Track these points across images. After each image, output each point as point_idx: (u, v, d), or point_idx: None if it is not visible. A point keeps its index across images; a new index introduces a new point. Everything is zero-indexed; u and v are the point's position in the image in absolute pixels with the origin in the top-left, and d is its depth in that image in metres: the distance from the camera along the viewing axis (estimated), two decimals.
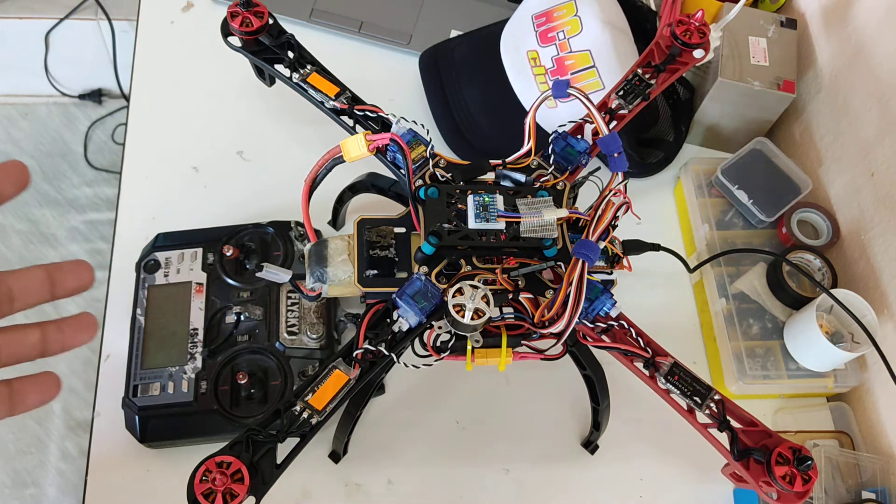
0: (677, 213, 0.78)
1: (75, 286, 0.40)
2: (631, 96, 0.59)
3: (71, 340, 0.40)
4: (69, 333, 0.40)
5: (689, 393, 0.49)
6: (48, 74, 1.61)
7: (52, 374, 0.40)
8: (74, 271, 0.40)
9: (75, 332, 0.40)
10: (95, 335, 0.41)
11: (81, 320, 0.40)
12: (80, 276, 0.40)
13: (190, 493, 0.39)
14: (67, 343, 0.40)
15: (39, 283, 0.38)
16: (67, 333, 0.40)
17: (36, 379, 0.40)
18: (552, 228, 0.50)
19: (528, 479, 0.64)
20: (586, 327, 0.51)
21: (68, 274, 0.39)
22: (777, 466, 0.46)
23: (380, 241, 0.52)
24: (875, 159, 0.67)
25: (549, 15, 0.74)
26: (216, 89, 0.80)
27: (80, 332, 0.40)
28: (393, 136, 0.53)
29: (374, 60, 0.84)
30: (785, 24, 0.76)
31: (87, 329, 0.40)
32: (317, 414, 0.44)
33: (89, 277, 0.40)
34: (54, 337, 0.39)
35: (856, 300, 0.63)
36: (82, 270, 0.40)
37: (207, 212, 0.70)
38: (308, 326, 0.62)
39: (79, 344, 0.40)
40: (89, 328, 0.41)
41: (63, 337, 0.40)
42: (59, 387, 0.40)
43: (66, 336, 0.40)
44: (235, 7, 0.59)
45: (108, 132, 1.68)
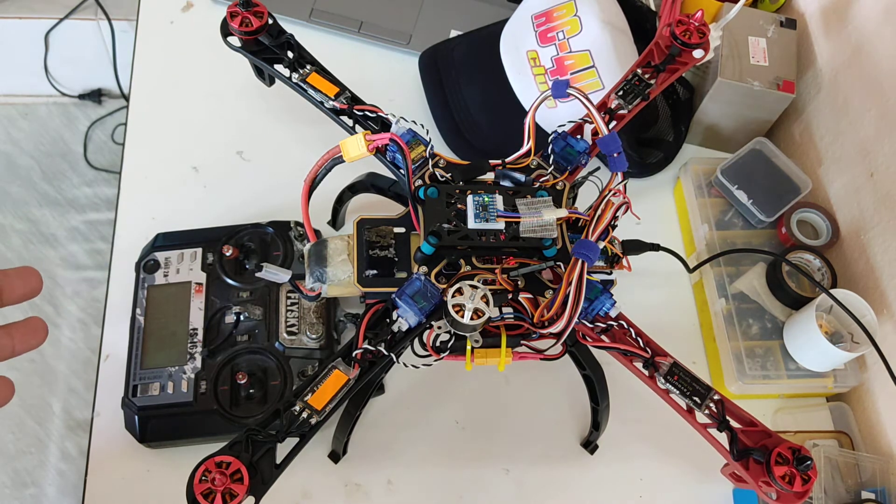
0: (677, 213, 0.78)
1: (23, 293, 0.40)
2: (630, 96, 0.59)
3: (20, 345, 0.40)
4: (18, 338, 0.40)
5: (688, 393, 0.49)
6: (48, 74, 1.61)
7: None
8: (23, 278, 0.40)
9: (24, 336, 0.40)
10: (44, 339, 0.41)
11: (30, 325, 0.40)
12: (27, 283, 0.40)
13: (189, 493, 0.39)
14: (17, 348, 0.40)
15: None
16: (17, 339, 0.40)
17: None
18: (552, 228, 0.50)
19: (528, 479, 0.64)
20: (586, 327, 0.51)
21: (16, 280, 0.39)
22: (776, 466, 0.46)
23: (379, 241, 0.52)
24: (875, 159, 0.67)
25: (549, 15, 0.74)
26: (216, 89, 0.80)
27: (29, 336, 0.40)
28: (392, 136, 0.53)
29: (374, 60, 0.84)
30: (785, 24, 0.76)
31: (36, 334, 0.40)
32: (316, 414, 0.44)
33: (37, 284, 0.40)
34: (3, 342, 0.39)
35: (855, 300, 0.63)
36: (30, 277, 0.40)
37: (207, 212, 0.70)
38: (308, 326, 0.62)
39: (28, 349, 0.41)
40: (38, 332, 0.41)
41: (12, 342, 0.40)
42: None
43: (15, 341, 0.40)
44: (235, 7, 0.59)
45: (107, 132, 1.68)
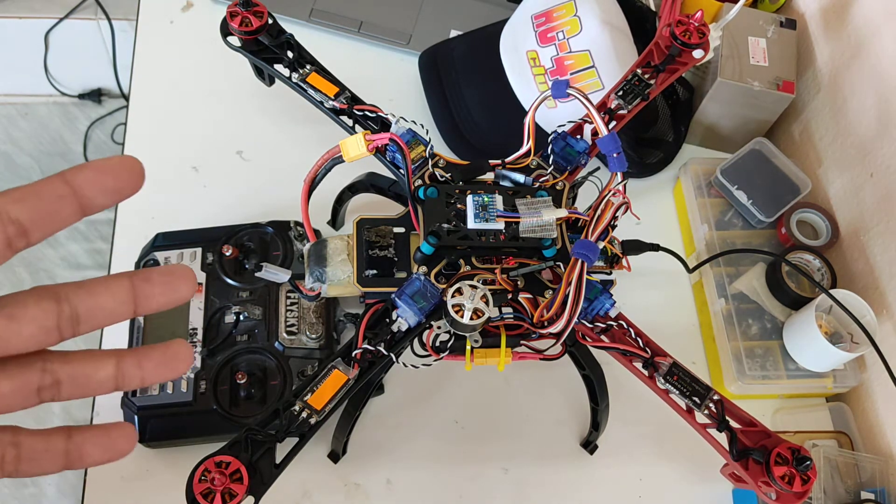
0: (676, 213, 0.78)
1: (165, 301, 0.30)
2: (630, 96, 0.59)
3: (153, 376, 0.31)
4: (150, 369, 0.31)
5: (688, 393, 0.49)
6: (48, 74, 1.61)
7: (126, 426, 0.32)
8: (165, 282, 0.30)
9: (159, 366, 0.31)
10: (186, 370, 0.32)
11: (170, 352, 0.31)
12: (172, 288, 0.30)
13: (189, 493, 0.39)
14: (148, 379, 0.31)
15: (117, 302, 0.29)
16: (148, 369, 0.31)
17: (104, 432, 0.31)
18: (551, 228, 0.50)
19: (528, 479, 0.64)
20: (585, 327, 0.51)
21: (157, 286, 0.30)
22: (776, 467, 0.46)
23: (379, 240, 0.52)
24: (874, 159, 0.67)
25: (549, 15, 0.74)
26: (216, 89, 0.80)
27: (165, 366, 0.31)
28: (392, 136, 0.53)
29: (374, 60, 0.84)
30: (784, 25, 0.76)
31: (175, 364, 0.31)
32: (316, 414, 0.44)
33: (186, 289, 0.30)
34: (132, 372, 0.30)
35: (855, 300, 0.63)
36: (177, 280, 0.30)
37: (207, 212, 0.70)
38: (307, 326, 0.62)
39: (163, 380, 0.32)
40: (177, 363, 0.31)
41: (142, 373, 0.31)
42: (133, 441, 0.32)
43: (145, 372, 0.31)
44: (235, 7, 0.59)
45: (107, 132, 1.68)
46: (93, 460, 0.31)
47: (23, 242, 0.28)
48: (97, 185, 0.28)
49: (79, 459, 0.31)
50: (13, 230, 0.27)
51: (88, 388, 0.30)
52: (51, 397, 0.29)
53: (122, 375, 0.30)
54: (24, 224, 0.27)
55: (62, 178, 0.28)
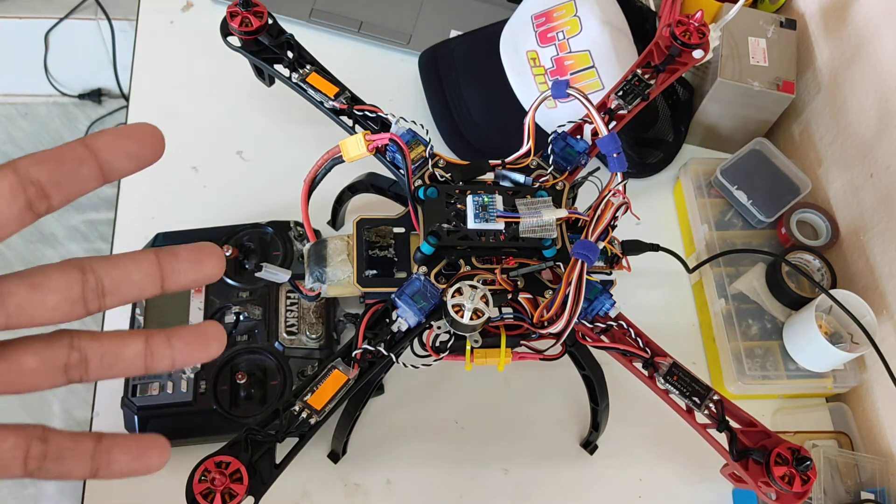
0: (676, 213, 0.78)
1: (193, 277, 0.30)
2: (630, 96, 0.59)
3: (183, 357, 0.30)
4: (181, 348, 0.30)
5: (687, 393, 0.49)
6: (48, 74, 1.61)
7: (159, 439, 0.30)
8: (193, 259, 0.30)
9: (190, 346, 0.30)
10: (218, 352, 0.31)
11: (201, 332, 0.30)
12: (199, 266, 0.30)
13: (189, 493, 0.39)
14: (178, 360, 0.30)
15: (143, 275, 0.29)
16: (178, 348, 0.30)
17: (136, 441, 0.30)
18: (551, 229, 0.50)
19: (528, 479, 0.64)
20: (585, 327, 0.51)
21: (184, 262, 0.29)
22: (776, 467, 0.46)
23: (379, 241, 0.52)
24: (874, 160, 0.67)
25: (549, 15, 0.74)
26: (216, 89, 0.80)
27: (196, 346, 0.30)
28: (392, 137, 0.53)
29: (374, 60, 0.84)
30: (784, 25, 0.76)
31: (208, 344, 0.30)
32: (316, 414, 0.44)
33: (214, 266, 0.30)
34: (162, 351, 0.30)
35: (855, 301, 0.63)
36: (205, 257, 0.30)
37: (207, 212, 0.70)
38: (307, 326, 0.62)
39: (194, 363, 0.31)
40: (210, 343, 0.30)
41: (172, 352, 0.30)
42: (166, 456, 0.30)
43: (175, 352, 0.30)
44: (235, 7, 0.59)
45: None
46: (120, 469, 0.30)
47: (44, 205, 0.27)
48: (117, 148, 0.28)
49: (106, 466, 0.29)
50: (34, 192, 0.26)
51: (117, 367, 0.29)
52: (79, 377, 0.29)
53: (151, 354, 0.29)
54: (45, 186, 0.27)
55: (82, 142, 0.27)
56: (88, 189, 0.28)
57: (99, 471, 0.29)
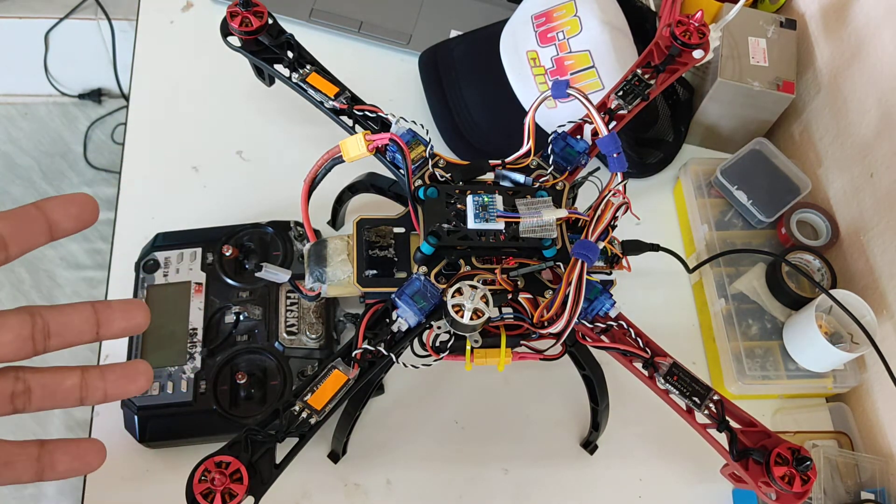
0: (676, 213, 0.78)
1: (124, 326, 0.35)
2: (630, 97, 0.59)
3: (114, 390, 0.35)
4: (112, 381, 0.35)
5: (688, 393, 0.49)
6: (48, 74, 1.61)
7: (97, 442, 0.35)
8: (124, 310, 0.35)
9: (120, 380, 0.35)
10: (146, 387, 0.36)
11: (131, 369, 0.35)
12: (130, 316, 0.35)
13: (189, 493, 0.39)
14: (110, 392, 0.35)
15: (83, 321, 0.34)
16: (110, 381, 0.35)
17: (76, 444, 0.35)
18: (551, 229, 0.50)
19: (527, 479, 0.64)
20: (585, 327, 0.51)
21: (117, 312, 0.35)
22: (776, 467, 0.46)
23: (379, 241, 0.52)
24: (874, 160, 0.67)
25: (549, 15, 0.74)
26: (216, 89, 0.80)
27: (126, 381, 0.35)
28: (392, 136, 0.53)
29: (374, 60, 0.84)
30: (784, 25, 0.76)
31: (136, 379, 0.35)
32: (316, 414, 0.44)
33: (142, 318, 0.35)
34: (95, 384, 0.34)
35: (855, 301, 0.63)
36: (134, 310, 0.35)
37: (207, 212, 0.70)
38: (307, 326, 0.62)
39: (124, 395, 0.35)
40: (138, 378, 0.35)
41: (105, 385, 0.34)
42: (101, 457, 0.35)
43: (108, 384, 0.34)
44: (235, 7, 0.59)
45: (107, 132, 1.68)
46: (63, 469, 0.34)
47: (2, 255, 0.32)
48: (63, 211, 0.34)
49: (50, 468, 0.34)
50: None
51: (56, 397, 0.34)
52: (23, 405, 0.33)
53: (86, 386, 0.34)
54: (5, 238, 0.32)
55: (35, 205, 0.33)
56: (40, 243, 0.34)
57: (44, 472, 0.34)
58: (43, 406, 0.34)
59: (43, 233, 0.33)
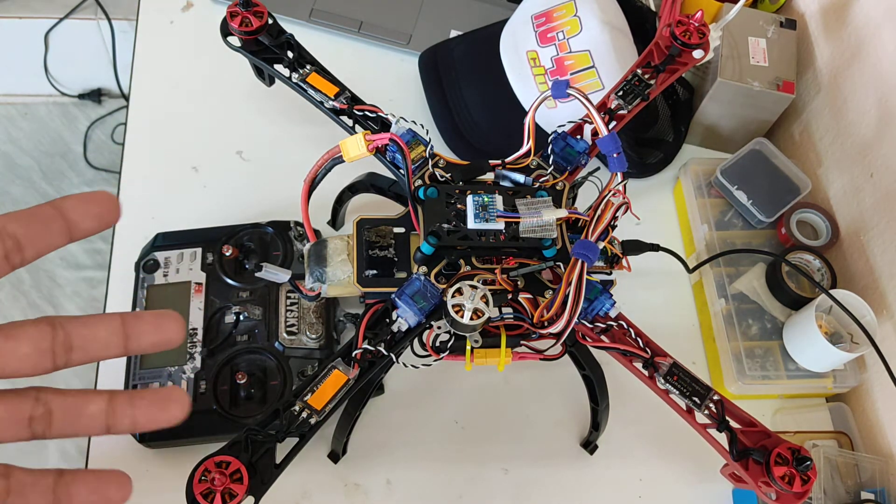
0: (676, 213, 0.78)
1: (155, 341, 0.32)
2: (630, 96, 0.59)
3: (145, 419, 0.31)
4: (143, 409, 0.31)
5: (688, 393, 0.49)
6: (48, 74, 1.61)
7: (121, 475, 0.31)
8: (156, 322, 0.32)
9: (152, 407, 0.31)
10: (181, 417, 0.32)
11: (164, 395, 0.32)
12: (162, 329, 0.32)
13: (189, 493, 0.39)
14: (140, 421, 0.31)
15: (109, 333, 0.31)
16: (140, 409, 0.31)
17: (96, 476, 0.31)
18: (551, 229, 0.50)
19: (527, 479, 0.64)
20: (585, 327, 0.51)
21: (148, 324, 0.31)
22: (776, 467, 0.46)
23: (379, 241, 0.52)
24: (874, 160, 0.67)
25: (549, 15, 0.74)
26: (216, 89, 0.80)
27: (157, 409, 0.31)
28: (392, 137, 0.53)
29: (374, 60, 0.84)
30: (784, 25, 0.76)
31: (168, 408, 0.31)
32: (316, 414, 0.44)
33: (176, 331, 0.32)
34: (123, 410, 0.31)
35: (855, 301, 0.63)
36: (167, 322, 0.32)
37: (207, 212, 0.70)
38: (307, 326, 0.62)
39: (155, 426, 0.31)
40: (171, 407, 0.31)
41: (134, 412, 0.31)
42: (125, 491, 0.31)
43: (137, 412, 0.31)
44: (235, 7, 0.59)
45: (107, 132, 1.68)
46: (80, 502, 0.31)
47: (18, 258, 0.30)
48: (83, 210, 0.31)
49: (67, 499, 0.30)
50: (10, 244, 0.29)
51: (80, 424, 0.31)
52: (42, 431, 0.30)
53: (113, 412, 0.31)
54: (20, 240, 0.30)
55: (52, 204, 0.31)
56: (58, 245, 0.31)
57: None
58: (64, 433, 0.30)
59: (61, 233, 0.30)
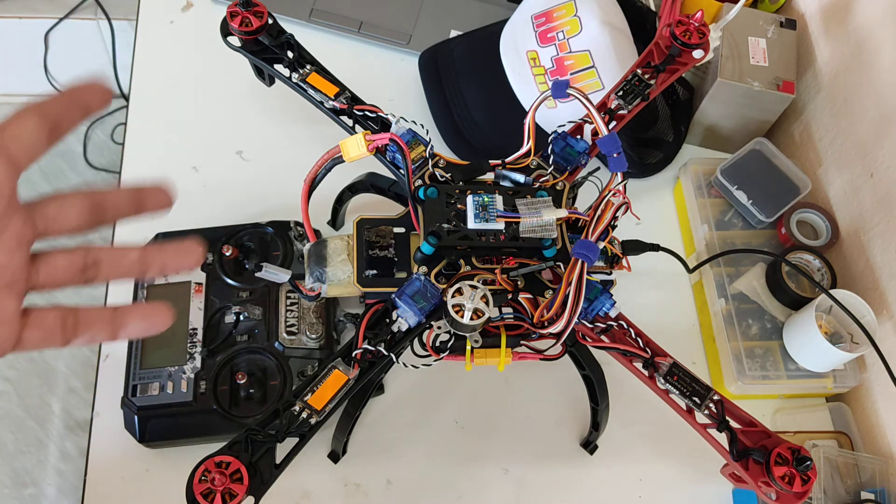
0: (677, 213, 0.78)
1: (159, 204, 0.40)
2: (630, 96, 0.59)
3: (172, 262, 0.39)
4: (171, 255, 0.39)
5: (688, 393, 0.49)
6: (48, 74, 1.61)
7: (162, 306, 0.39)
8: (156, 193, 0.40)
9: (177, 254, 0.39)
10: (201, 261, 0.40)
11: (186, 247, 0.39)
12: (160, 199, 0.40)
13: (189, 493, 0.39)
14: (168, 265, 0.39)
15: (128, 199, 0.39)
16: (168, 255, 0.39)
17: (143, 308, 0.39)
18: (551, 229, 0.50)
19: (528, 479, 0.64)
20: (585, 327, 0.51)
21: (149, 193, 0.39)
22: (776, 467, 0.46)
23: (379, 241, 0.52)
24: (874, 160, 0.67)
25: (549, 15, 0.74)
26: (216, 89, 0.80)
27: (181, 255, 0.39)
28: (392, 136, 0.53)
29: (374, 60, 0.84)
30: (784, 25, 0.76)
31: (191, 254, 0.39)
32: (316, 414, 0.44)
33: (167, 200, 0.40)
34: (154, 257, 0.39)
35: (855, 300, 0.63)
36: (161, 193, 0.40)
37: (207, 212, 0.70)
38: (307, 326, 0.62)
39: (181, 269, 0.40)
40: (192, 254, 0.39)
41: (163, 258, 0.39)
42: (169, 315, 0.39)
43: (166, 256, 0.39)
44: (235, 7, 0.59)
45: (107, 132, 1.68)
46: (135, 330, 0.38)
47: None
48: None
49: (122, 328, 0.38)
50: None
51: (121, 268, 0.38)
52: (93, 276, 0.37)
53: (145, 258, 0.39)
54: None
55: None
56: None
57: (117, 332, 0.38)
58: (110, 276, 0.38)
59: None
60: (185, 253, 0.40)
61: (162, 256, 0.39)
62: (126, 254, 0.39)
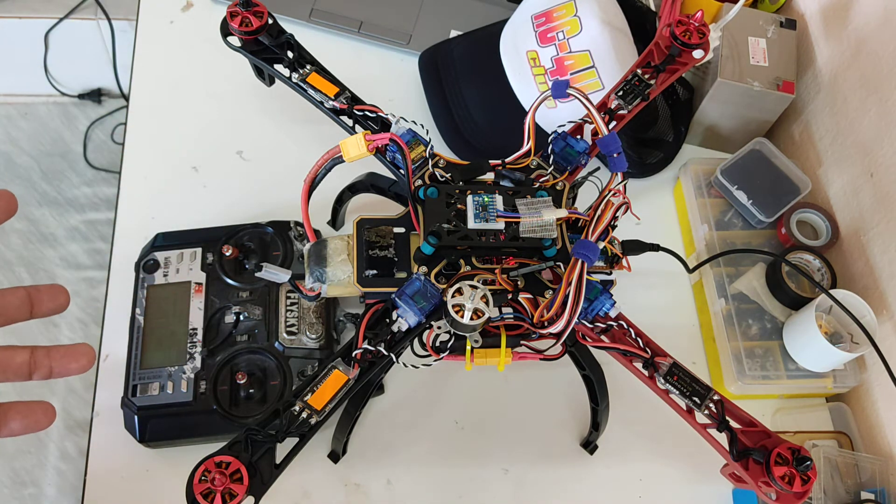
0: (677, 213, 0.78)
1: (52, 307, 0.41)
2: (630, 96, 0.59)
3: (59, 367, 0.40)
4: (57, 360, 0.40)
5: (688, 393, 0.49)
6: (48, 74, 1.61)
7: (46, 404, 0.40)
8: (51, 294, 0.41)
9: (64, 359, 0.40)
10: (89, 367, 0.41)
11: (75, 350, 0.41)
12: (56, 300, 0.41)
13: (189, 493, 0.39)
14: (55, 369, 0.40)
15: (20, 302, 0.40)
16: (55, 359, 0.40)
17: (27, 406, 0.40)
18: (551, 228, 0.50)
19: (527, 479, 0.64)
20: (585, 327, 0.51)
21: (45, 295, 0.41)
22: (776, 467, 0.46)
23: (379, 241, 0.52)
24: (874, 160, 0.67)
25: (549, 15, 0.74)
26: (216, 89, 0.80)
27: (70, 360, 0.40)
28: (392, 136, 0.53)
29: (374, 60, 0.84)
30: (784, 25, 0.76)
31: (78, 359, 0.41)
32: (316, 414, 0.44)
33: (64, 301, 0.42)
34: (42, 361, 0.40)
35: (855, 301, 0.63)
36: (58, 294, 0.42)
37: (207, 212, 0.70)
38: (307, 326, 0.62)
39: (67, 373, 0.41)
40: (80, 358, 0.41)
41: (50, 362, 0.40)
42: (50, 418, 0.40)
43: (53, 361, 0.40)
44: (235, 7, 0.59)
45: (107, 132, 1.68)
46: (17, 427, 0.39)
47: None
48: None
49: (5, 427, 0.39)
50: None
51: (9, 371, 0.39)
52: None
53: (34, 362, 0.40)
54: None
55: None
56: None
57: None
58: None
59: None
60: (74, 356, 0.40)
61: (49, 361, 0.40)
62: (14, 356, 0.39)
